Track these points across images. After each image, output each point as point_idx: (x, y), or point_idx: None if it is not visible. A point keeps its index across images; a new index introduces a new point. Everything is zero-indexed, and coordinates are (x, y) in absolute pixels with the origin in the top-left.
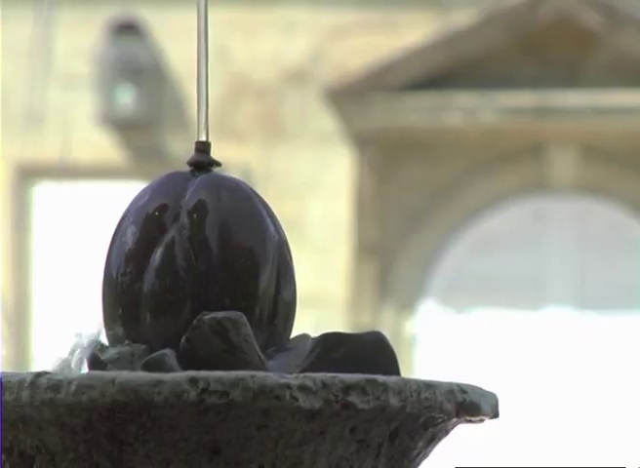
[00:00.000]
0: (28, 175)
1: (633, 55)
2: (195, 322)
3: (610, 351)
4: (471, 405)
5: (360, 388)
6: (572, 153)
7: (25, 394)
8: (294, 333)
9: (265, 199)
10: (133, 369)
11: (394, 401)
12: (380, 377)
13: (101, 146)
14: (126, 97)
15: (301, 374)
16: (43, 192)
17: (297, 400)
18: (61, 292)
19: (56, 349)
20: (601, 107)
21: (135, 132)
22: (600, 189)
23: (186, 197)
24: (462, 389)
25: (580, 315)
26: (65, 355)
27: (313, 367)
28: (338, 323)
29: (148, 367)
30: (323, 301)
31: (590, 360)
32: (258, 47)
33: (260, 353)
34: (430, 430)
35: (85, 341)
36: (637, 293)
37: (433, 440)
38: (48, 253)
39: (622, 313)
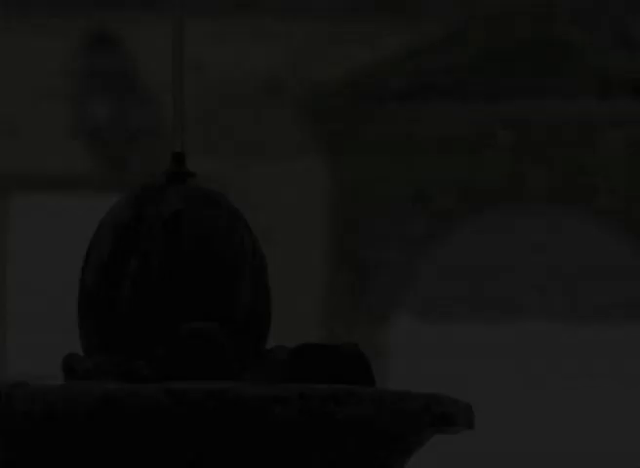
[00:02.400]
0: (3, 186)
1: (606, 68)
2: (172, 332)
3: (589, 363)
4: (446, 416)
5: (336, 399)
6: (546, 165)
7: (1, 404)
8: (269, 344)
9: (241, 210)
10: (109, 379)
11: (370, 411)
12: (357, 388)
13: (76, 158)
14: (101, 110)
15: (278, 385)
16: (18, 203)
17: (273, 410)
18: (39, 301)
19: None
20: (574, 119)
21: (110, 143)
22: (574, 201)
23: (162, 208)
24: (438, 401)
25: (557, 328)
26: None
27: (289, 377)
28: (313, 334)
29: (124, 377)
30: (298, 312)
31: (567, 372)
32: (232, 59)
33: (237, 363)
34: (406, 441)
35: None
36: (616, 306)
37: (408, 450)
38: (24, 263)
39: (599, 326)
